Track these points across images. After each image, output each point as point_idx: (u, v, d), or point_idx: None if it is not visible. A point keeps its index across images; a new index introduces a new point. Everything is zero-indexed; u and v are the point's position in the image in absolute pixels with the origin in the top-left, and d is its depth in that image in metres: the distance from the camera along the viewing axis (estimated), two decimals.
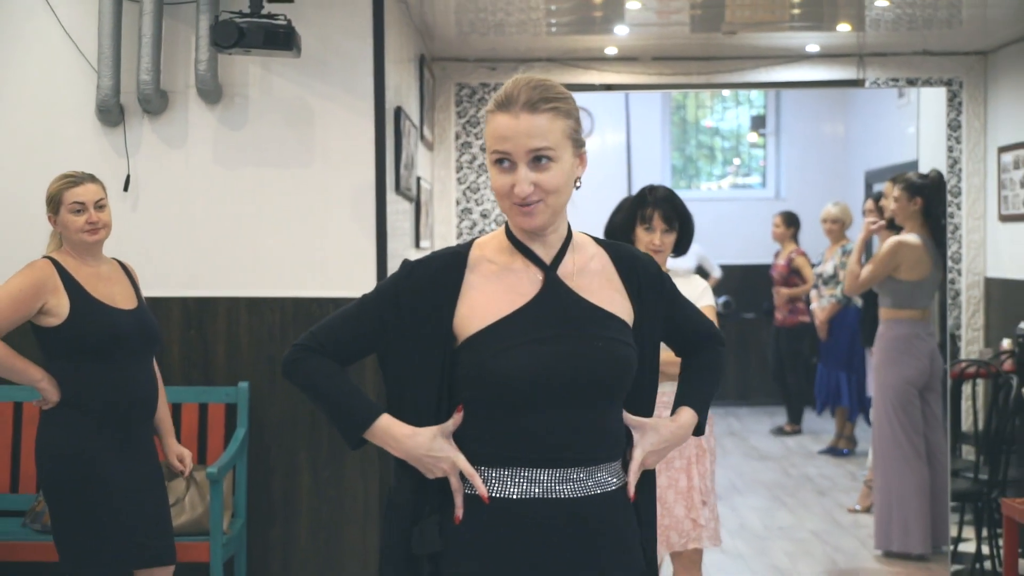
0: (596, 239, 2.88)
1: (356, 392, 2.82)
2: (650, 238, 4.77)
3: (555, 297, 2.71)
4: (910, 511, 6.56)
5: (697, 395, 2.93)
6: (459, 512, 2.67)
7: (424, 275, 2.74)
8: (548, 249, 2.75)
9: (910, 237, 6.55)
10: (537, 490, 2.66)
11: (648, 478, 2.86)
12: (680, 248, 4.87)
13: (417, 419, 2.70)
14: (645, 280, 2.83)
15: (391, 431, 2.72)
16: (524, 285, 2.72)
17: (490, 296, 2.71)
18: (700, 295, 4.82)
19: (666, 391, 3.58)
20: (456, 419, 2.69)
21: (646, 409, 2.84)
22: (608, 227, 5.65)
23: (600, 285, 2.77)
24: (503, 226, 2.80)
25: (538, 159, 2.63)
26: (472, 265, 2.75)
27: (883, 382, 6.65)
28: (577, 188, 2.74)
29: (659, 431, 2.80)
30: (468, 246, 2.80)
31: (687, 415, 2.88)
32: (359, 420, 2.76)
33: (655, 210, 4.78)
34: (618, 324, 2.74)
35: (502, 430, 2.66)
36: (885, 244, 6.62)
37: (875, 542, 6.74)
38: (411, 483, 2.73)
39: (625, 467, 2.78)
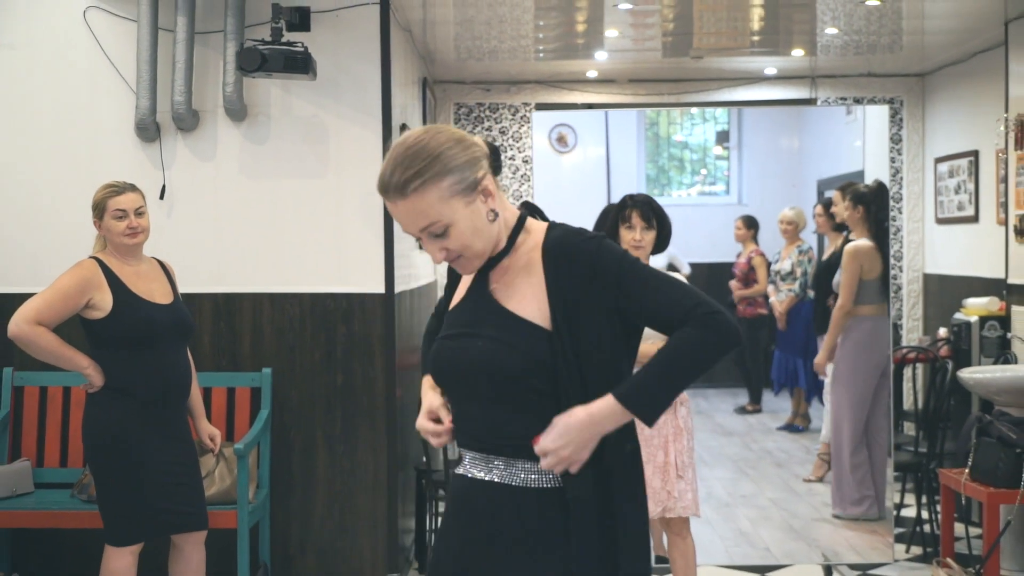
0: (552, 227, 2.58)
1: (426, 353, 2.79)
2: (631, 235, 4.86)
3: (475, 296, 2.58)
4: (862, 480, 6.56)
5: (633, 384, 2.41)
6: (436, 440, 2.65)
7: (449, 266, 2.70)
8: (493, 251, 2.56)
9: (861, 241, 6.55)
10: (462, 468, 2.61)
11: (625, 491, 2.51)
12: (660, 245, 4.93)
13: None
14: (567, 270, 2.45)
15: (423, 385, 2.74)
16: (468, 283, 2.64)
17: (460, 288, 2.68)
18: None
19: None
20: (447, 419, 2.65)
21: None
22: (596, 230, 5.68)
23: (519, 285, 2.51)
24: None
25: (434, 233, 2.46)
26: None
27: (853, 369, 6.60)
28: (493, 221, 2.49)
29: (566, 420, 2.39)
30: None
31: (602, 402, 2.39)
32: (423, 373, 2.76)
33: (633, 210, 4.88)
34: (518, 325, 2.46)
35: (453, 413, 2.61)
36: (845, 255, 6.57)
37: (832, 507, 6.72)
38: None
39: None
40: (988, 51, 7.93)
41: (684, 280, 2.61)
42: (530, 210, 2.69)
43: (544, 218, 2.68)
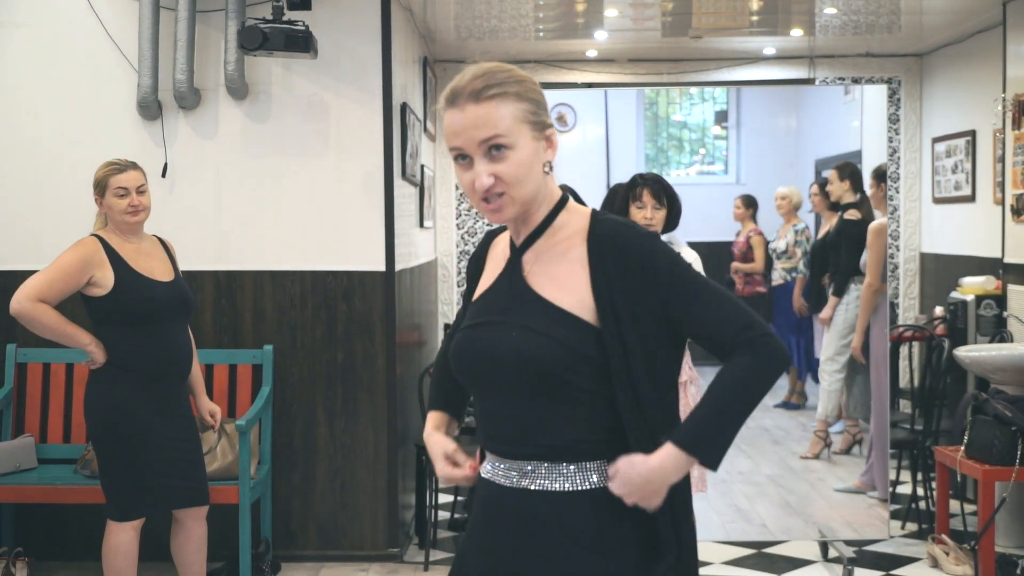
0: (595, 217, 2.36)
1: (438, 382, 2.63)
2: (642, 213, 4.84)
3: (506, 283, 2.35)
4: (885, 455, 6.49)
5: (685, 428, 2.23)
6: (459, 473, 2.44)
7: (473, 258, 2.54)
8: (522, 233, 2.36)
9: (883, 221, 6.48)
10: (488, 473, 2.36)
11: (675, 509, 2.29)
12: (670, 224, 4.91)
13: None
14: (617, 267, 2.25)
15: (426, 426, 2.57)
16: (499, 267, 2.40)
17: (485, 276, 2.45)
18: None
19: None
20: (469, 469, 2.44)
21: (660, 418, 2.26)
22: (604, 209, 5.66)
23: (558, 271, 2.30)
24: None
25: (492, 148, 2.23)
26: (495, 244, 2.49)
27: (880, 350, 6.54)
28: (547, 173, 2.32)
29: (627, 474, 2.21)
30: (504, 227, 2.47)
31: (663, 453, 2.19)
32: (428, 408, 2.62)
33: (645, 188, 4.86)
34: (558, 316, 2.24)
35: (475, 412, 2.41)
36: (871, 233, 6.46)
37: (879, 491, 6.62)
38: None
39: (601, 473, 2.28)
40: (986, 31, 7.89)
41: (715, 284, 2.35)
42: (568, 194, 2.47)
43: (582, 203, 2.48)
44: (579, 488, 2.26)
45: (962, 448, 5.73)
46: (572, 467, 2.26)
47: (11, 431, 5.80)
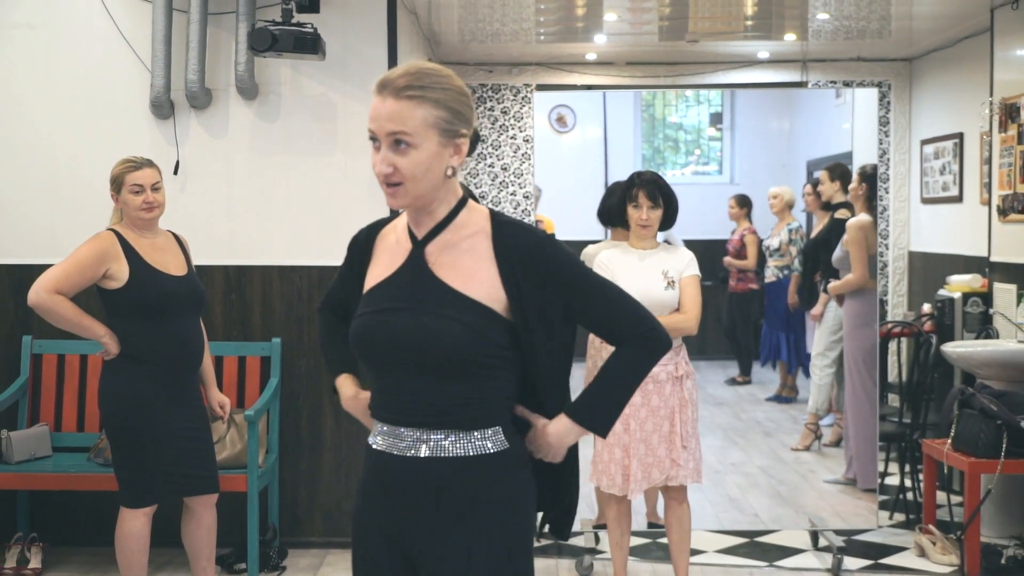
0: (495, 217, 2.51)
1: (337, 348, 2.76)
2: (638, 214, 4.82)
3: (411, 272, 2.47)
4: (869, 452, 6.51)
5: (577, 402, 2.52)
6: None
7: (355, 244, 2.64)
8: (421, 227, 2.49)
9: (863, 217, 6.49)
10: (387, 444, 2.47)
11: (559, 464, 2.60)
12: (667, 223, 4.90)
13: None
14: (522, 264, 2.43)
15: (340, 388, 2.72)
16: (398, 258, 2.51)
17: (378, 265, 2.55)
18: (687, 266, 4.88)
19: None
20: None
21: (554, 391, 2.52)
22: (601, 208, 5.67)
23: (465, 264, 2.45)
24: None
25: (397, 143, 2.37)
26: (382, 236, 2.60)
27: (859, 346, 6.54)
28: (449, 176, 2.43)
29: (537, 441, 2.52)
30: (390, 219, 2.64)
31: (558, 422, 2.51)
32: (331, 374, 2.77)
33: (640, 190, 4.82)
34: (463, 303, 2.40)
35: (372, 388, 2.53)
36: (852, 229, 6.48)
37: (858, 481, 6.65)
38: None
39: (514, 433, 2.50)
40: (974, 37, 7.90)
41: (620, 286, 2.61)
42: (467, 194, 2.67)
43: (477, 202, 2.64)
44: (482, 452, 2.44)
45: (949, 441, 5.75)
46: (475, 434, 2.44)
47: (27, 420, 5.81)
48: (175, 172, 5.85)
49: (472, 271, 2.44)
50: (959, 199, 8.30)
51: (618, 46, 8.81)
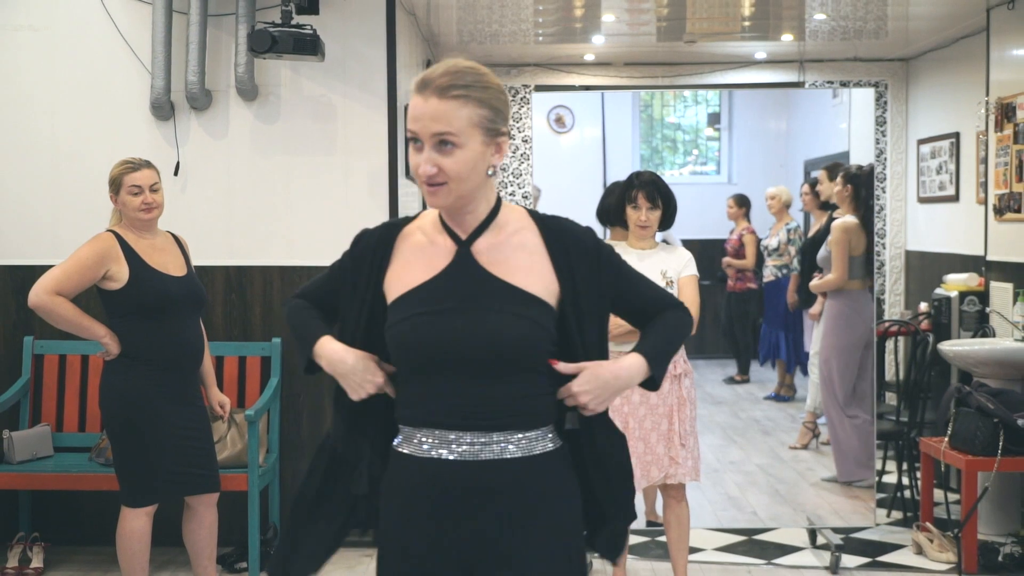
0: (533, 213, 2.51)
1: (313, 320, 2.60)
2: (637, 215, 4.80)
3: (461, 271, 2.41)
4: (864, 447, 6.53)
5: (647, 345, 2.51)
6: (387, 389, 2.47)
7: (366, 243, 2.52)
8: (464, 227, 2.43)
9: (848, 218, 6.50)
10: (436, 451, 2.38)
11: (608, 457, 2.52)
12: (666, 223, 4.88)
13: None
14: (576, 253, 2.44)
15: (325, 347, 2.52)
16: (439, 258, 2.43)
17: (410, 266, 2.45)
18: (685, 265, 4.87)
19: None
20: (390, 367, 2.47)
21: None
22: (600, 208, 5.65)
23: (518, 260, 2.42)
24: None
25: (442, 143, 2.32)
26: (405, 235, 2.50)
27: (833, 345, 6.58)
28: (491, 175, 2.40)
29: (595, 370, 2.40)
30: (411, 218, 2.55)
31: (632, 357, 2.46)
32: (308, 342, 2.56)
33: (639, 191, 4.80)
34: (524, 298, 2.38)
35: (413, 393, 2.41)
36: (834, 230, 6.51)
37: (838, 476, 6.66)
38: (346, 431, 2.55)
39: (558, 433, 2.47)
40: (970, 37, 7.89)
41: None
42: None
43: None
44: (541, 452, 2.41)
45: (946, 439, 5.75)
46: (531, 433, 2.40)
47: (28, 420, 5.80)
48: (175, 173, 5.84)
49: (528, 266, 2.42)
50: (955, 198, 8.29)
51: (616, 47, 8.80)
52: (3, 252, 5.95)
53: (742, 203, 10.24)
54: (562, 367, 2.40)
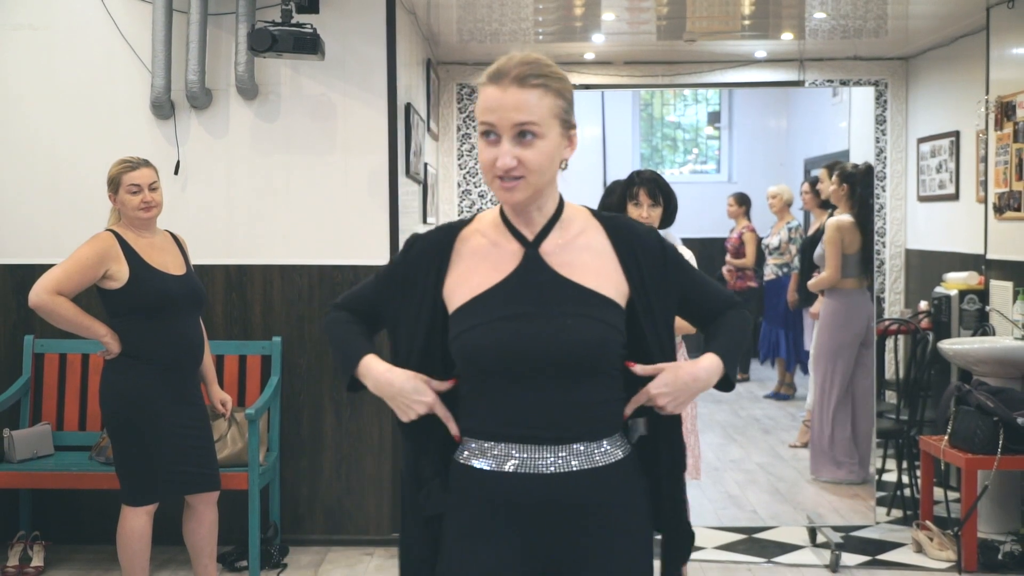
0: (595, 212, 2.42)
1: (356, 338, 2.48)
2: (638, 212, 4.78)
3: (531, 274, 2.30)
4: (842, 446, 6.55)
5: (718, 344, 2.41)
6: (455, 431, 2.35)
7: (421, 248, 2.39)
8: (532, 226, 2.33)
9: (843, 217, 6.50)
10: (511, 465, 2.27)
11: (672, 455, 2.43)
12: (666, 221, 4.87)
13: None
14: (643, 254, 2.35)
15: (370, 368, 2.39)
16: (505, 261, 2.32)
17: (474, 270, 2.34)
18: None
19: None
20: (446, 384, 2.35)
21: None
22: (601, 207, 5.63)
23: (586, 261, 2.32)
24: None
25: (522, 134, 2.22)
26: (464, 238, 2.38)
27: (826, 342, 6.58)
28: (563, 169, 2.32)
29: (675, 372, 2.31)
30: (468, 220, 2.42)
31: (709, 358, 2.36)
32: (351, 361, 2.43)
33: (640, 188, 4.79)
34: (598, 300, 2.28)
35: (483, 404, 2.30)
36: (828, 229, 6.52)
37: (811, 471, 6.71)
38: (412, 449, 2.41)
39: (626, 439, 2.39)
40: (970, 35, 7.88)
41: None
42: None
43: None
44: (615, 460, 2.34)
45: (946, 437, 5.74)
46: (605, 442, 2.33)
47: (29, 419, 5.79)
48: (175, 172, 5.83)
49: (597, 268, 2.32)
50: (955, 197, 8.28)
51: (616, 46, 8.79)
52: (3, 252, 5.94)
53: (742, 202, 10.24)
54: (640, 369, 2.32)
